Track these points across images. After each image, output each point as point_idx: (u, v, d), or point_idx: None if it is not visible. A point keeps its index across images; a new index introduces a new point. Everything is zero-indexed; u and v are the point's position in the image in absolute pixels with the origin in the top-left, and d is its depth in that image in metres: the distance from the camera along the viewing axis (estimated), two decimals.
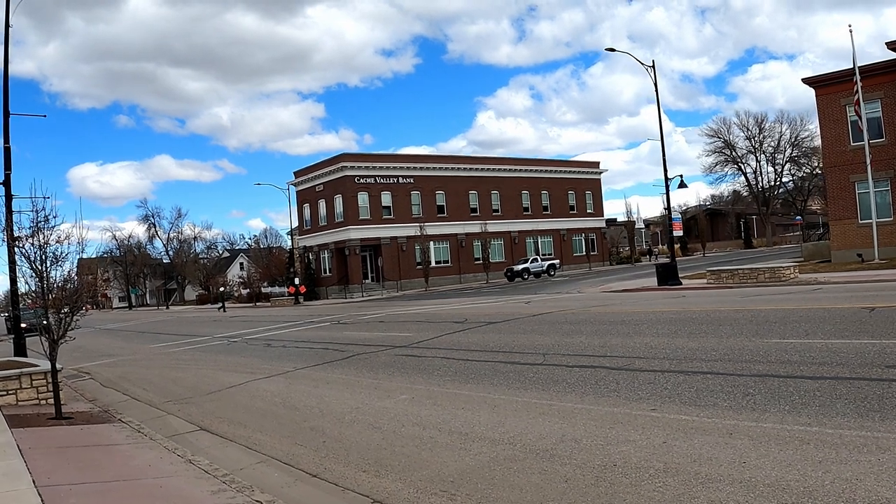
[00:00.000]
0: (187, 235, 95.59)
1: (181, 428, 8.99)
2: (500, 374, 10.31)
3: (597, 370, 9.83)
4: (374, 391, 10.02)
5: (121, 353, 20.45)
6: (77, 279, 10.59)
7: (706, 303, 18.45)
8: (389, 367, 12.02)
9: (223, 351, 18.51)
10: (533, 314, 19.02)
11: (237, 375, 13.07)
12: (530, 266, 56.57)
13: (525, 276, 55.12)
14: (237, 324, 31.32)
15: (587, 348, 11.89)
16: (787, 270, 26.05)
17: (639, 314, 16.65)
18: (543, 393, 8.70)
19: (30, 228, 9.98)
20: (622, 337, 12.83)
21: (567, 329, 14.86)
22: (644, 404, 7.51)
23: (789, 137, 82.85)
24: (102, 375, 15.78)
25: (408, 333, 17.27)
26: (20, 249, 10.16)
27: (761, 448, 5.55)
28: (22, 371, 11.11)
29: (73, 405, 10.96)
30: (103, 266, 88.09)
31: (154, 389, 12.70)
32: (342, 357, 13.95)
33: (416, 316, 23.40)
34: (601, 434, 6.57)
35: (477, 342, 14.13)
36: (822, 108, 34.29)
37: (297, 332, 21.74)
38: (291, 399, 10.02)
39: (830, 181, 34.82)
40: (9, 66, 16.54)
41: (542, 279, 53.24)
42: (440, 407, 8.50)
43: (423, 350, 13.82)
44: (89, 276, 54.71)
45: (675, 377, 8.68)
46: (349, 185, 56.41)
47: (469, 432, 7.18)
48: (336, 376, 11.71)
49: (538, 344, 12.90)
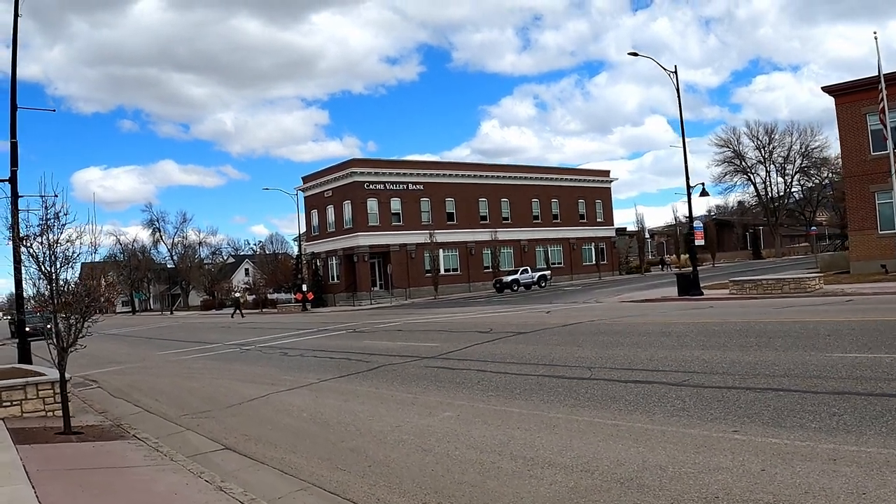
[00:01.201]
0: (192, 240, 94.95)
1: (203, 446, 8.14)
2: (548, 389, 9.47)
3: (654, 386, 9.02)
4: (412, 407, 9.17)
5: (128, 359, 19.60)
6: (86, 282, 9.76)
7: (740, 314, 17.62)
8: (422, 380, 11.16)
9: (237, 359, 17.67)
10: (562, 324, 18.15)
11: (257, 387, 12.21)
12: (520, 277, 54.43)
13: (514, 288, 53.05)
14: (247, 331, 30.47)
15: (634, 361, 11.06)
16: (813, 281, 25.53)
17: (677, 325, 15.78)
18: (603, 411, 7.87)
19: (38, 226, 9.17)
20: (668, 349, 12.00)
21: (605, 341, 14.00)
22: (722, 425, 6.75)
23: (799, 148, 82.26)
24: (111, 384, 14.95)
25: (432, 343, 16.42)
26: (27, 249, 9.34)
27: (875, 476, 4.84)
28: (28, 380, 10.30)
29: (82, 418, 10.13)
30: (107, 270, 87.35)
31: (168, 401, 11.86)
32: (368, 368, 13.09)
33: (436, 325, 22.54)
34: (687, 460, 5.77)
35: (511, 354, 13.28)
36: (842, 116, 33.55)
37: (312, 341, 20.89)
38: (322, 415, 9.16)
39: (850, 191, 34.07)
40: (17, 59, 15.86)
41: (532, 291, 51.38)
42: (491, 426, 7.66)
43: (454, 362, 12.96)
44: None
45: (744, 394, 7.94)
46: (358, 191, 55.69)
47: (534, 457, 6.34)
48: (366, 389, 10.85)
49: (579, 357, 12.05)
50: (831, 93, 34.02)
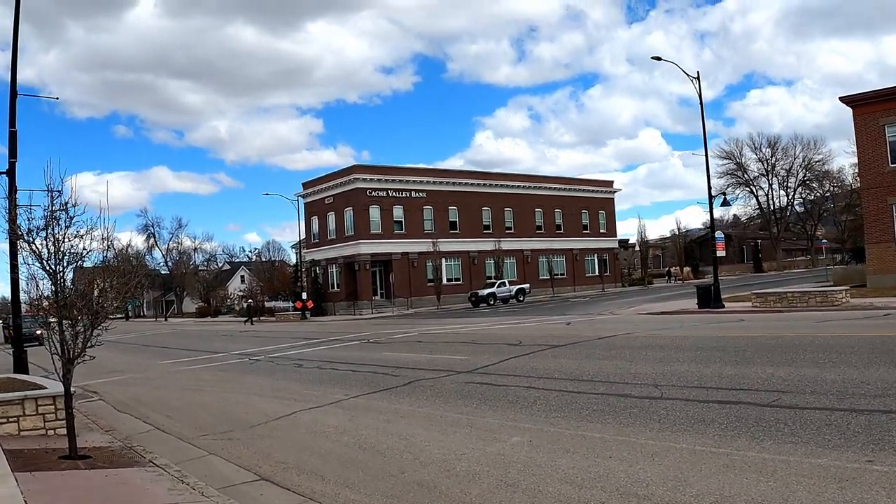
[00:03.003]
0: (187, 247, 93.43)
1: (234, 475, 6.95)
2: (620, 410, 8.35)
3: (742, 407, 7.99)
4: (469, 429, 8.02)
5: (129, 368, 18.33)
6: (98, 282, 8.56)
7: (784, 327, 16.62)
8: (468, 398, 10.00)
9: (249, 371, 16.44)
10: (596, 337, 17.02)
11: (279, 403, 11.02)
12: (497, 291, 51.91)
13: (491, 302, 50.41)
14: (250, 339, 29.20)
15: (703, 379, 9.98)
16: (839, 294, 24.82)
17: (727, 339, 14.67)
18: (701, 437, 6.81)
19: (43, 217, 8.00)
20: (732, 366, 10.93)
21: (655, 356, 12.87)
22: (849, 453, 5.83)
23: (802, 160, 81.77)
24: (113, 396, 13.74)
25: (460, 356, 15.27)
26: (29, 245, 8.15)
27: None
28: (26, 394, 9.11)
29: (88, 436, 8.92)
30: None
31: (180, 417, 10.66)
32: (399, 383, 11.91)
33: (455, 336, 21.36)
34: (837, 497, 4.85)
35: (556, 369, 12.13)
36: (860, 127, 32.82)
37: (325, 352, 19.65)
38: (366, 438, 7.99)
39: (867, 203, 33.32)
40: (17, 48, 14.75)
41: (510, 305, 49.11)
42: (576, 455, 6.54)
43: (495, 377, 11.81)
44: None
45: (852, 417, 6.99)
46: (361, 198, 54.53)
47: (649, 494, 5.25)
48: (406, 408, 9.68)
49: (635, 373, 10.93)
50: (849, 103, 33.33)
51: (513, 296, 52.54)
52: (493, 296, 51.21)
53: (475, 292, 52.03)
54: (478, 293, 51.53)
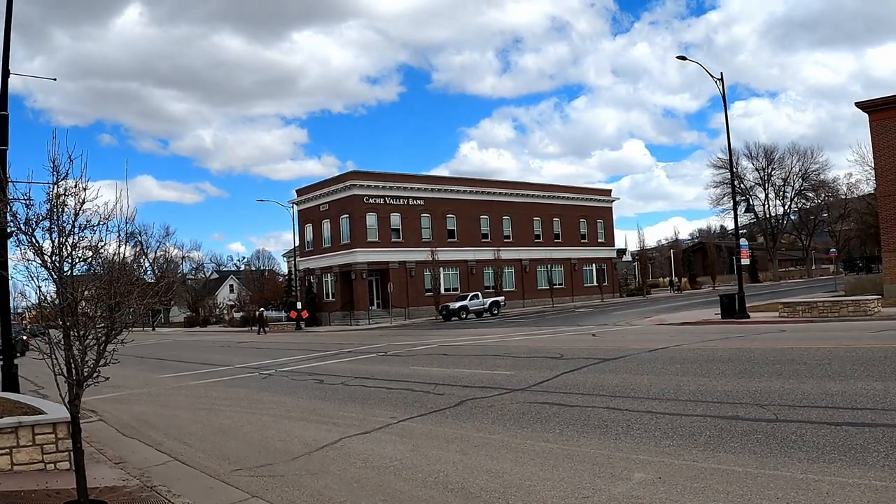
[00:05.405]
0: (174, 255, 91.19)
1: None
2: (741, 436, 6.97)
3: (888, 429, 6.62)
4: (569, 462, 6.56)
5: (127, 383, 16.62)
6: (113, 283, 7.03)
7: (839, 338, 15.34)
8: (544, 422, 8.53)
9: (264, 387, 14.82)
10: (647, 350, 15.59)
11: (316, 428, 9.48)
12: (469, 304, 49.08)
13: (463, 315, 47.62)
14: (251, 351, 27.50)
15: (809, 396, 8.62)
16: (872, 304, 24.01)
17: (793, 351, 13.30)
18: (870, 469, 5.52)
19: (46, 202, 6.48)
20: (830, 380, 9.57)
21: (729, 370, 11.46)
22: None
23: (797, 171, 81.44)
24: (114, 416, 12.14)
25: (502, 371, 13.79)
26: (27, 238, 6.62)
27: None
28: (21, 420, 7.52)
29: (94, 470, 7.31)
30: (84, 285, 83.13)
31: (201, 445, 9.09)
32: (450, 404, 10.40)
33: (481, 349, 19.83)
34: None
35: (624, 386, 10.71)
36: (877, 134, 32.10)
37: (343, 365, 18.04)
38: (446, 476, 6.49)
39: (884, 210, 32.54)
40: (11, 22, 13.24)
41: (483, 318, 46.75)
42: (733, 497, 5.12)
43: (557, 395, 10.35)
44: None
45: None
46: (357, 205, 52.96)
47: None
48: (475, 434, 8.18)
49: (725, 391, 9.52)
50: (865, 109, 32.65)
51: (486, 308, 49.73)
52: (466, 308, 48.45)
53: (446, 305, 49.18)
54: (448, 306, 48.59)
